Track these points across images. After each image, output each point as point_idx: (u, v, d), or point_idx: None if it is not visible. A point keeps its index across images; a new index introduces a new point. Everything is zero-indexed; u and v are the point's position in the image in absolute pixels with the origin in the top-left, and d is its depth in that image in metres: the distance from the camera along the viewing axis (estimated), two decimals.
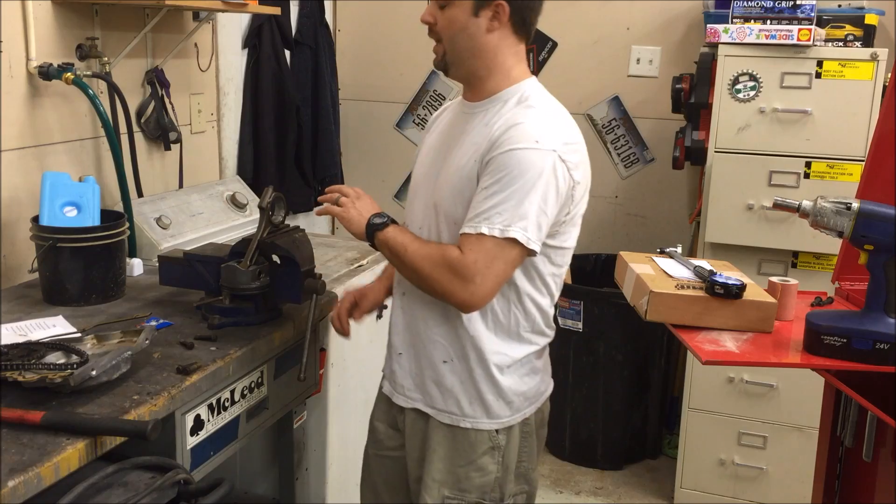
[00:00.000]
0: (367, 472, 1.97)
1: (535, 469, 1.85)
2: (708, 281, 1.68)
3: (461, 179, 1.66)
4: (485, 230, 1.56)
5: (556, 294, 1.78)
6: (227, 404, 1.76)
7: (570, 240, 1.73)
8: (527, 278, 1.70)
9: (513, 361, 1.73)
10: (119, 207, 2.30)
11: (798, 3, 2.79)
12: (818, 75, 2.78)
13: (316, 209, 1.80)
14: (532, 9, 1.69)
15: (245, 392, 1.82)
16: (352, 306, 1.99)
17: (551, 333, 1.81)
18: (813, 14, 2.79)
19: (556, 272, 1.74)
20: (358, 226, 1.72)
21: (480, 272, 1.57)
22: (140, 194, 2.51)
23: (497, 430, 1.74)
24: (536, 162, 1.57)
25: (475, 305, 1.63)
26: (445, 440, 1.75)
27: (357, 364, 2.37)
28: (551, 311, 1.78)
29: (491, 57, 1.67)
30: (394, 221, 1.72)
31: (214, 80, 2.98)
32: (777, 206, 1.67)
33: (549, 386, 1.87)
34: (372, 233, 1.70)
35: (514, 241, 1.57)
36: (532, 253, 1.62)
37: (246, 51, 3.18)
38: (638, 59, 3.59)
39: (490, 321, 1.71)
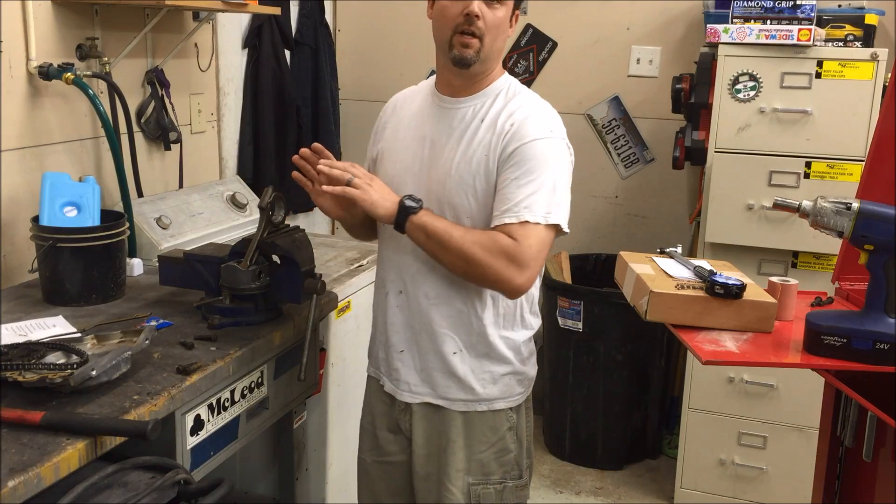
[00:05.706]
0: (367, 479, 1.97)
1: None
2: (708, 281, 1.68)
3: (469, 173, 1.71)
4: (528, 218, 1.63)
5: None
6: (227, 404, 1.76)
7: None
8: None
9: (519, 344, 1.80)
10: (119, 207, 2.30)
11: (798, 3, 2.79)
12: (818, 75, 2.78)
13: (325, 186, 1.72)
14: None
15: (245, 392, 1.82)
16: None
17: (538, 314, 1.88)
18: (813, 14, 2.79)
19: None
20: (385, 209, 1.66)
21: (534, 257, 1.64)
22: (140, 194, 2.50)
23: (511, 409, 1.81)
24: (556, 151, 1.69)
25: (525, 290, 1.68)
26: (462, 428, 1.79)
27: (357, 364, 2.37)
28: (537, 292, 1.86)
29: (500, 59, 1.77)
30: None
31: (214, 80, 2.98)
32: (777, 206, 1.67)
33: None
34: (405, 217, 1.65)
35: (555, 226, 1.67)
36: (563, 234, 1.70)
37: (246, 51, 3.18)
38: (638, 59, 3.59)
39: (500, 309, 1.77)
